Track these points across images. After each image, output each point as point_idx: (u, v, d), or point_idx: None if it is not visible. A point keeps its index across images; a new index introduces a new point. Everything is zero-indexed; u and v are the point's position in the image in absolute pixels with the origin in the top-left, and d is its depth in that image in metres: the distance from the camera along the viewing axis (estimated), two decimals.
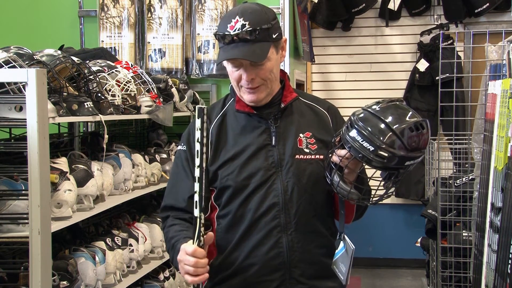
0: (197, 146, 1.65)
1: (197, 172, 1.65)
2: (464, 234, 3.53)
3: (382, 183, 1.76)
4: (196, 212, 1.67)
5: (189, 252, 1.68)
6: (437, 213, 3.64)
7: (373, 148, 1.65)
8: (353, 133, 1.68)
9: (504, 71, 2.90)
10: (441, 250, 3.64)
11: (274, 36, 1.83)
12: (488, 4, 5.47)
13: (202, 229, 1.68)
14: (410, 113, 1.70)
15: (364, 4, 5.69)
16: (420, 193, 5.68)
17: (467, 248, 3.45)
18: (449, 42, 5.48)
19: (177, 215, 1.90)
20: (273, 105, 1.92)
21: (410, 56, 6.00)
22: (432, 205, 3.90)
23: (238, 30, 1.77)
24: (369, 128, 1.66)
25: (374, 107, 1.71)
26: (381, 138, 1.64)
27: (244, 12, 1.80)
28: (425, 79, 5.75)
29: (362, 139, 1.66)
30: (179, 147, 1.96)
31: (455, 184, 3.67)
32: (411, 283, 5.68)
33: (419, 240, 4.79)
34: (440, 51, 3.64)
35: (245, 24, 1.78)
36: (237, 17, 1.79)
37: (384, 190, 1.78)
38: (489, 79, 3.03)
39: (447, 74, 4.30)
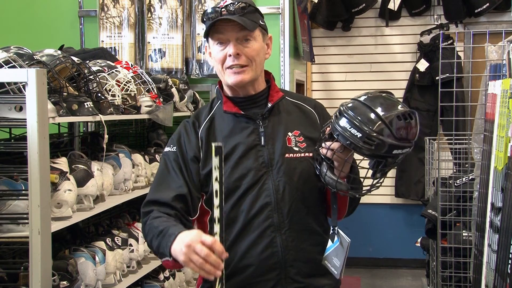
0: (216, 186, 1.57)
1: (216, 213, 1.57)
2: (464, 234, 3.53)
3: (370, 173, 1.76)
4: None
5: (208, 242, 1.54)
6: (437, 213, 3.64)
7: (361, 135, 1.66)
8: (343, 121, 1.69)
9: (504, 71, 2.90)
10: (441, 250, 3.64)
11: (261, 22, 1.88)
12: (488, 4, 5.47)
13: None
14: (398, 104, 1.72)
15: (364, 4, 5.69)
16: (420, 193, 5.68)
17: (467, 248, 3.45)
18: (449, 42, 5.48)
19: (162, 210, 1.82)
20: (260, 105, 1.93)
21: (410, 56, 6.00)
22: (432, 205, 3.90)
23: (228, 6, 1.81)
24: (358, 117, 1.68)
25: (363, 97, 1.73)
26: (370, 126, 1.65)
27: None
28: (425, 79, 5.75)
29: (350, 127, 1.67)
30: (168, 149, 1.93)
31: (455, 184, 3.67)
32: (411, 283, 5.68)
33: (419, 240, 4.78)
34: (440, 51, 3.64)
35: (234, 2, 1.82)
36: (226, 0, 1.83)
37: (372, 181, 1.77)
38: (489, 79, 3.03)
39: (447, 74, 4.30)
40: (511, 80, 2.23)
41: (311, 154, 1.88)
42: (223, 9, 1.81)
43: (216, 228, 1.57)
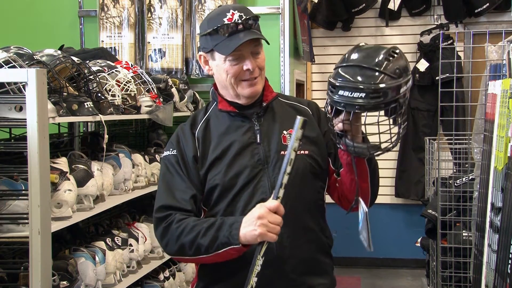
0: (292, 155, 1.69)
1: (285, 179, 1.70)
2: (464, 234, 3.53)
3: (391, 125, 1.72)
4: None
5: (273, 207, 1.68)
6: (437, 213, 3.64)
7: (364, 94, 1.64)
8: (340, 92, 1.67)
9: (504, 71, 2.90)
10: (441, 250, 3.64)
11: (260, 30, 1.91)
12: (488, 4, 5.47)
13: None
14: (377, 48, 1.72)
15: (364, 4, 5.69)
16: (420, 193, 5.68)
17: (467, 248, 3.45)
18: (449, 42, 5.48)
19: (181, 213, 1.82)
20: (255, 104, 1.95)
21: (410, 56, 5.99)
22: (432, 205, 3.90)
23: (238, 20, 1.81)
24: (352, 81, 1.66)
25: (344, 63, 1.71)
26: (369, 82, 1.64)
27: (235, 7, 1.86)
28: (425, 79, 5.76)
29: (351, 93, 1.65)
30: (168, 152, 1.92)
31: (455, 184, 3.67)
32: (411, 283, 5.68)
33: (419, 240, 4.79)
34: (440, 51, 3.64)
35: (242, 15, 1.83)
36: (232, 11, 1.84)
37: (394, 132, 1.74)
38: (489, 79, 3.02)
39: (447, 74, 4.30)
40: (511, 80, 2.23)
41: (306, 152, 1.89)
42: (240, 25, 1.81)
43: (281, 192, 1.70)
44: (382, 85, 1.63)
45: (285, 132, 1.92)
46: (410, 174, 5.87)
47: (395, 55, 1.68)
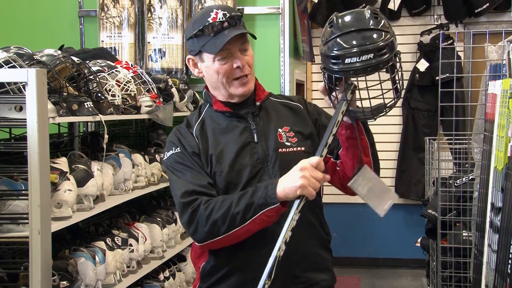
0: (339, 117, 1.73)
1: (330, 139, 1.73)
2: (464, 234, 3.53)
3: (396, 80, 1.76)
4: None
5: (315, 163, 1.68)
6: (437, 213, 3.64)
7: (373, 54, 1.65)
8: (346, 61, 1.67)
9: (504, 71, 2.90)
10: (441, 250, 3.64)
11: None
12: (488, 4, 5.47)
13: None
14: (358, 11, 1.73)
15: (364, 4, 5.69)
16: (420, 193, 5.68)
17: (467, 248, 3.45)
18: (449, 42, 5.48)
19: (206, 197, 1.79)
20: (249, 104, 1.96)
21: (410, 56, 6.00)
22: (432, 205, 3.90)
23: (223, 18, 1.83)
24: (355, 45, 1.66)
25: (335, 33, 1.71)
26: (371, 42, 1.65)
27: (219, 7, 1.88)
28: (425, 79, 5.76)
29: (358, 57, 1.66)
30: (171, 152, 1.89)
31: (455, 184, 3.67)
32: (411, 283, 5.68)
33: (419, 240, 4.79)
34: (440, 51, 3.65)
35: (226, 13, 1.84)
36: (215, 10, 1.85)
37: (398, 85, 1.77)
38: (489, 79, 3.02)
39: (447, 74, 4.30)
40: (511, 80, 2.23)
41: (303, 148, 1.90)
42: (224, 22, 1.82)
43: (324, 151, 1.73)
44: (385, 42, 1.66)
45: (280, 130, 1.93)
46: (410, 174, 5.87)
47: (377, 13, 1.72)
